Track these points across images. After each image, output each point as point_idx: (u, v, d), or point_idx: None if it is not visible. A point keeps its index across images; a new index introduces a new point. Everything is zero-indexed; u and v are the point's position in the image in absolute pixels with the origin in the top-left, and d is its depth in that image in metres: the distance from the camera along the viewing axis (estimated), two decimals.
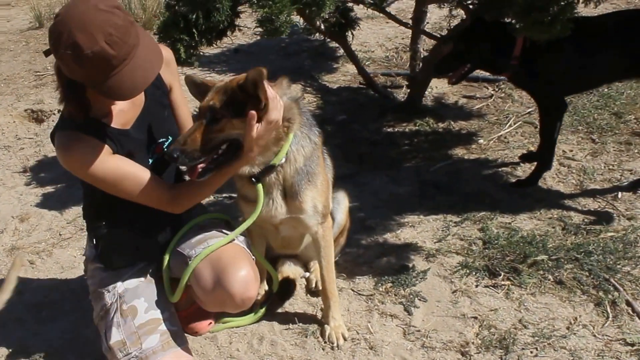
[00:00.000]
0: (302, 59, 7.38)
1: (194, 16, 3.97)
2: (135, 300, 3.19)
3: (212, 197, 4.82)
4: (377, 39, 7.83)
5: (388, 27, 7.96)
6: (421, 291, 3.75)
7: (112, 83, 2.62)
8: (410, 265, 3.95)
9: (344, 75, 7.03)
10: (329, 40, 6.73)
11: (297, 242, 3.65)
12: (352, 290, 3.83)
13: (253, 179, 3.08)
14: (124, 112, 3.04)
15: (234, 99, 2.84)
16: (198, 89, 3.05)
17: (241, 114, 2.82)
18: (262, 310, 3.65)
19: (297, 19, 5.03)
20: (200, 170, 2.91)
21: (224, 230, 3.33)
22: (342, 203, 3.78)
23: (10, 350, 3.69)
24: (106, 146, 2.91)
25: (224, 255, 3.11)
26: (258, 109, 2.82)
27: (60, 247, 4.56)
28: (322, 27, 5.15)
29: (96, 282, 3.33)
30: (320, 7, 4.04)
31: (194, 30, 4.00)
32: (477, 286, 3.76)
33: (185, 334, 3.38)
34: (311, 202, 3.20)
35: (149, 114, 3.13)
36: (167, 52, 3.26)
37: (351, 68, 6.91)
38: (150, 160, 3.15)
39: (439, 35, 5.64)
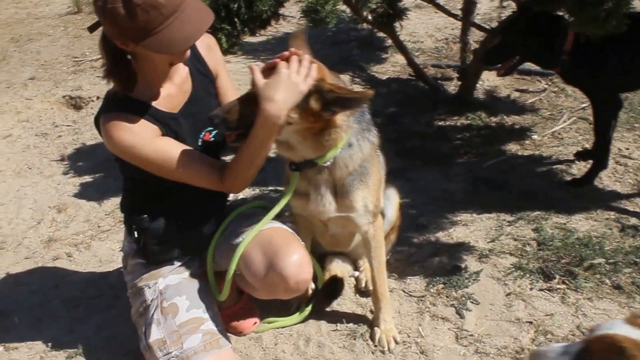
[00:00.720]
0: (350, 49, 7.15)
1: (236, 5, 3.82)
2: (177, 297, 3.06)
3: (257, 190, 4.72)
4: (426, 29, 7.58)
5: (437, 17, 7.68)
6: (474, 293, 3.58)
7: (163, 35, 2.58)
8: (463, 265, 3.78)
9: (393, 66, 6.83)
10: (377, 30, 6.43)
11: (347, 240, 3.50)
12: (403, 291, 3.67)
13: (293, 167, 2.95)
14: (171, 97, 2.96)
15: None
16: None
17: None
18: (308, 309, 3.51)
19: (344, 8, 4.89)
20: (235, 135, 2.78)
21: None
22: (392, 199, 3.63)
23: (45, 347, 3.58)
24: (155, 127, 2.86)
25: (275, 240, 2.98)
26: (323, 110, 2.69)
27: (98, 239, 4.45)
28: (369, 17, 4.97)
29: (136, 277, 3.22)
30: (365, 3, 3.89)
31: (235, 19, 3.85)
32: (531, 289, 3.58)
33: (229, 334, 3.26)
34: (362, 202, 3.05)
35: (196, 102, 3.04)
36: (209, 39, 3.20)
37: (400, 58, 6.73)
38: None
39: (488, 27, 5.44)
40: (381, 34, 7.17)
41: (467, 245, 3.95)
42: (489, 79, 6.15)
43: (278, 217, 3.22)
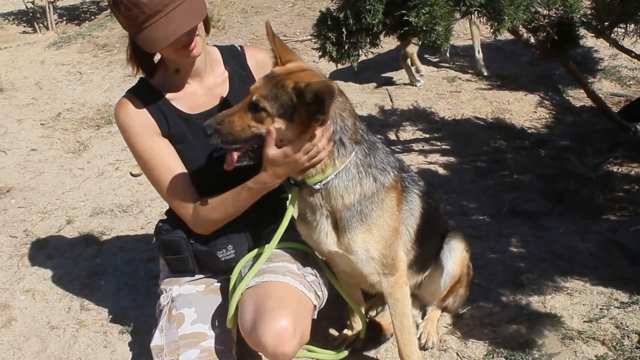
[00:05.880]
0: (554, 67, 6.45)
1: (342, 15, 3.60)
2: (185, 308, 3.04)
3: None
4: None
5: None
6: None
7: (147, 32, 2.65)
8: (540, 342, 3.29)
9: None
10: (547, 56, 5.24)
11: (363, 283, 3.10)
12: (457, 354, 3.30)
13: (292, 181, 2.74)
14: (194, 96, 2.99)
15: (283, 98, 2.51)
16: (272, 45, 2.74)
17: (285, 115, 2.51)
18: (345, 352, 3.31)
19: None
20: (236, 158, 2.62)
21: (294, 265, 3.04)
22: (454, 251, 3.26)
23: (110, 316, 3.78)
24: (155, 124, 2.92)
25: (269, 298, 2.78)
26: (312, 120, 2.50)
27: None
28: (532, 39, 4.43)
29: (162, 278, 3.28)
30: (500, 22, 3.47)
31: (343, 29, 3.61)
32: None
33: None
34: (362, 245, 2.76)
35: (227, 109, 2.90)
36: (264, 56, 3.15)
37: (607, 85, 6.08)
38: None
39: None
40: (597, 55, 6.50)
41: (557, 319, 3.45)
42: None
43: (306, 258, 3.09)
